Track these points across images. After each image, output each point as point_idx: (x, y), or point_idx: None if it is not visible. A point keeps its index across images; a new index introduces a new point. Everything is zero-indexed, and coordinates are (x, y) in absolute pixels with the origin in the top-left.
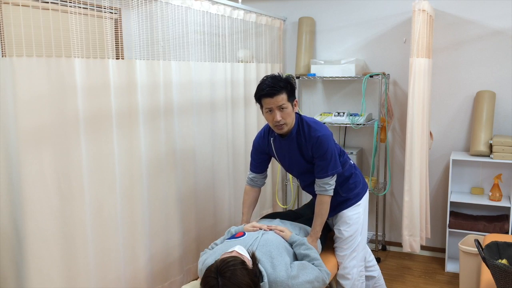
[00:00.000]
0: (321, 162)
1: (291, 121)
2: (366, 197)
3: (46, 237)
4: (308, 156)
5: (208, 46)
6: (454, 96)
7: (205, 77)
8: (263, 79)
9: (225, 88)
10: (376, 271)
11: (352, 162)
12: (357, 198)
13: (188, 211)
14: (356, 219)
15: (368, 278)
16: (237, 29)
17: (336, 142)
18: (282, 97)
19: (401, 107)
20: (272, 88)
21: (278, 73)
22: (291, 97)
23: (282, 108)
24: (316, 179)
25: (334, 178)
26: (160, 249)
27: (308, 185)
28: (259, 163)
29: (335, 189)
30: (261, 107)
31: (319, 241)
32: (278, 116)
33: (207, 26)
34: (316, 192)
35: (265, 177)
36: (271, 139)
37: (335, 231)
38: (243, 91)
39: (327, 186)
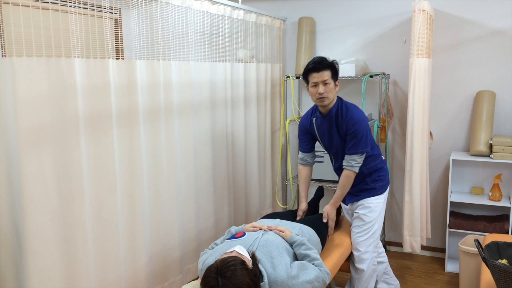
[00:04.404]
0: (352, 139)
1: (332, 96)
2: (387, 193)
3: (46, 237)
4: (343, 135)
5: (208, 46)
6: (454, 96)
7: (205, 77)
8: (311, 59)
9: (225, 88)
10: (385, 257)
11: (383, 158)
12: (380, 190)
13: (188, 211)
14: (375, 206)
15: (379, 263)
16: (237, 29)
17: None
18: (327, 74)
19: (401, 107)
20: (319, 64)
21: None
22: (334, 76)
23: (326, 84)
24: (346, 155)
25: (362, 157)
26: (160, 249)
27: (340, 167)
28: (306, 143)
29: (363, 178)
30: (307, 83)
31: (318, 240)
32: (322, 89)
33: (207, 26)
34: (343, 167)
35: (314, 156)
36: (313, 119)
37: (355, 216)
38: (243, 91)
39: (354, 162)
